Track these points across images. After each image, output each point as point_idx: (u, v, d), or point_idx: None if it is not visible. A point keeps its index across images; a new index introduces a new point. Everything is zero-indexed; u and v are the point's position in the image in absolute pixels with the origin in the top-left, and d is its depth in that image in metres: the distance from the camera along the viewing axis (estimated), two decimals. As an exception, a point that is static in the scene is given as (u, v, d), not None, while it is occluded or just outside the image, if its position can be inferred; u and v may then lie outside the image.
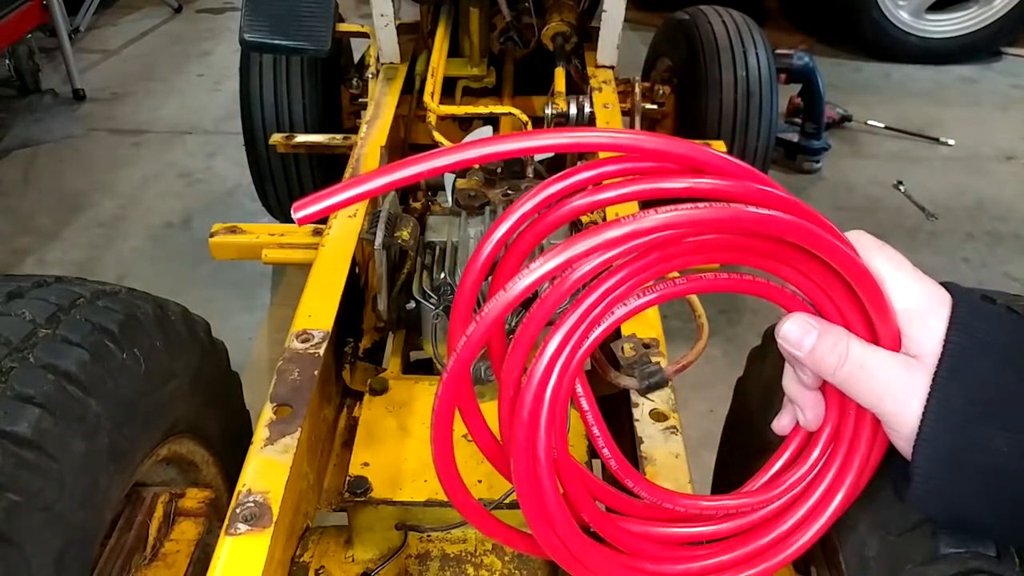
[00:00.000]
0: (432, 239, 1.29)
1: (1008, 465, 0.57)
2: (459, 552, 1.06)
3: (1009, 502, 0.59)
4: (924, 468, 0.59)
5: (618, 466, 0.69)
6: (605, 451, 0.70)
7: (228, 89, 3.83)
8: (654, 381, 0.98)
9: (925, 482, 0.60)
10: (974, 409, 0.57)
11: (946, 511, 0.62)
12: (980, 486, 0.59)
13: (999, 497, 0.59)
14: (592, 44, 2.19)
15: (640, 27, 3.95)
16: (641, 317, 1.21)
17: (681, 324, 2.25)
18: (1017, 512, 0.60)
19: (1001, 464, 0.57)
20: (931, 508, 0.63)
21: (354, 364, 1.31)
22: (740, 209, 0.55)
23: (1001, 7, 4.11)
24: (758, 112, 2.32)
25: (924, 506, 0.63)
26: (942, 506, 0.62)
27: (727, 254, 0.61)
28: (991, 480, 0.58)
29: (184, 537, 1.13)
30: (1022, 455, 0.57)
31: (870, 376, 0.61)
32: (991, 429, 0.57)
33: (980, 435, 0.57)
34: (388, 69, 2.11)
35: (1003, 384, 0.57)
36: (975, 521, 0.62)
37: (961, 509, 0.61)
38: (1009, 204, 3.16)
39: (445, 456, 0.66)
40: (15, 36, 3.49)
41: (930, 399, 0.58)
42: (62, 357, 0.86)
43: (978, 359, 0.58)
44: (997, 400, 0.57)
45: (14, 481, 0.76)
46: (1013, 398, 0.57)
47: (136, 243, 2.86)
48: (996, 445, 0.57)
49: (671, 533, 0.71)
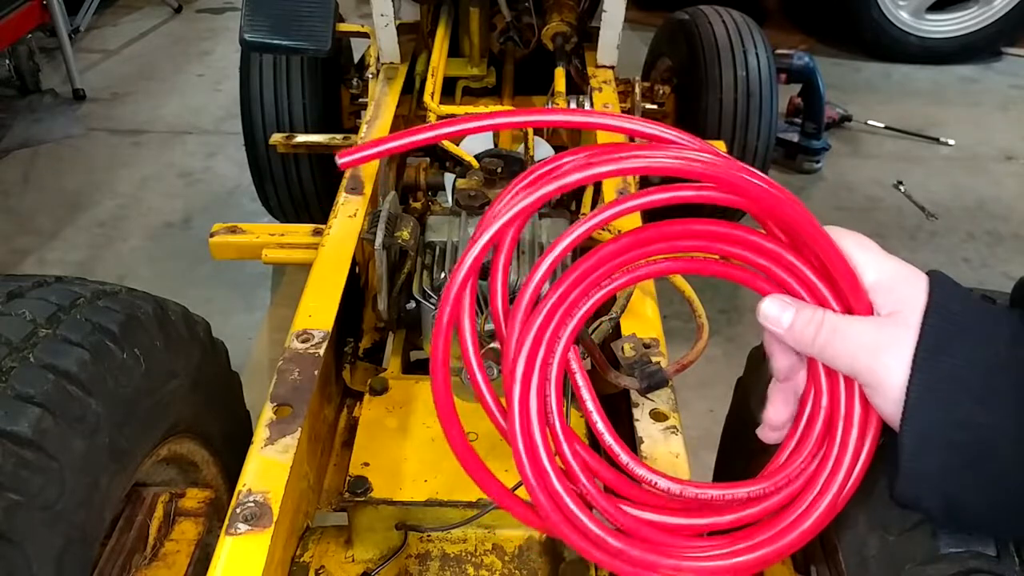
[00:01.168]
0: (432, 239, 1.29)
1: (991, 440, 0.59)
2: (459, 552, 1.06)
3: (995, 482, 0.60)
4: (911, 444, 0.60)
5: (628, 458, 0.71)
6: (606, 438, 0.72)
7: (228, 89, 3.83)
8: (654, 381, 0.98)
9: (913, 460, 0.61)
10: (955, 386, 0.59)
11: (935, 495, 0.62)
12: (966, 464, 0.60)
13: (985, 476, 0.60)
14: (592, 44, 2.19)
15: (640, 27, 3.95)
16: (641, 317, 1.21)
17: (681, 324, 2.25)
18: (1003, 494, 0.60)
19: (984, 438, 0.59)
20: (921, 491, 0.63)
21: (354, 364, 1.31)
22: None
23: (1001, 7, 4.11)
24: (758, 112, 2.32)
25: (914, 490, 0.63)
26: (931, 489, 0.62)
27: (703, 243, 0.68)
28: (976, 457, 0.59)
29: (184, 537, 1.13)
30: (1003, 431, 0.58)
31: (843, 337, 0.64)
32: (973, 405, 0.59)
33: (963, 412, 0.59)
34: (388, 69, 2.11)
35: (979, 362, 0.60)
36: (965, 505, 0.62)
37: (950, 491, 0.61)
38: (1009, 204, 3.16)
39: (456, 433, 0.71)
40: (15, 36, 3.49)
41: (913, 376, 0.60)
42: (62, 357, 0.86)
43: (956, 340, 0.60)
44: (975, 377, 0.59)
45: (15, 481, 0.76)
46: (990, 375, 0.59)
47: (136, 243, 2.86)
48: (978, 420, 0.59)
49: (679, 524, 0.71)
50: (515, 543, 1.06)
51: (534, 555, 1.06)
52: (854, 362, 0.64)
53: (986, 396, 0.59)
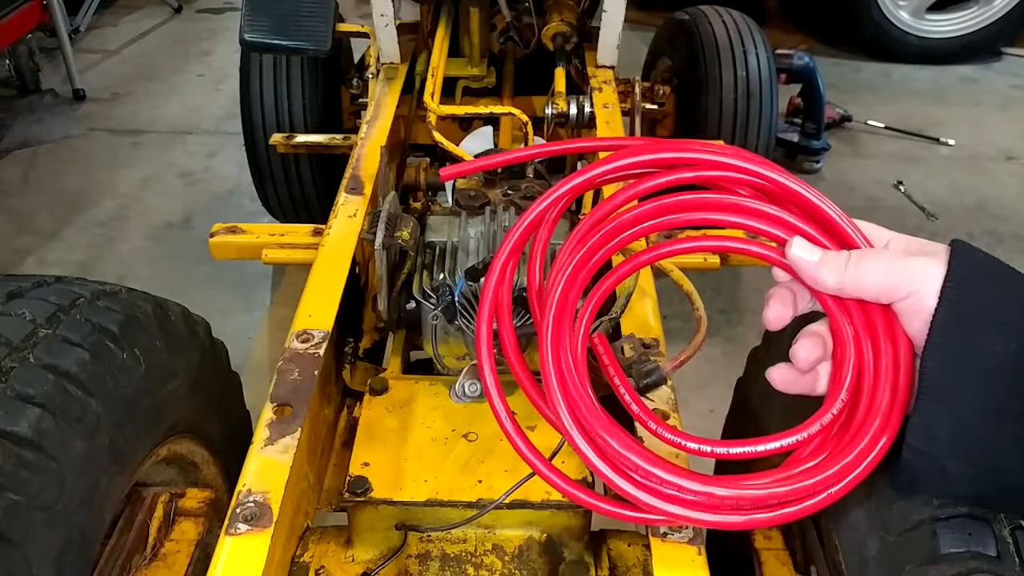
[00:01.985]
0: (432, 239, 1.29)
1: (1010, 368, 0.61)
2: (459, 552, 1.06)
3: (1007, 414, 0.62)
4: (934, 369, 0.63)
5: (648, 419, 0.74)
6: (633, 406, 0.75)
7: (228, 89, 3.83)
8: (652, 380, 0.98)
9: (934, 387, 0.63)
10: (978, 319, 0.62)
11: (949, 421, 0.63)
12: (982, 391, 0.62)
13: (999, 405, 0.62)
14: (592, 44, 2.19)
15: (640, 27, 3.95)
16: (641, 317, 1.21)
17: (681, 324, 2.25)
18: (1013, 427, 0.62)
19: (1004, 365, 0.62)
20: (937, 420, 0.64)
21: (354, 364, 1.31)
22: None
23: (1001, 7, 4.11)
24: (758, 112, 2.32)
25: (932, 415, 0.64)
26: (947, 415, 0.63)
27: None
28: (992, 383, 0.62)
29: (184, 537, 1.13)
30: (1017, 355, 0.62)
31: (872, 262, 0.67)
32: (992, 335, 0.62)
33: (984, 340, 0.62)
34: (388, 69, 2.11)
35: (1003, 298, 0.63)
36: (975, 438, 0.63)
37: (967, 408, 0.63)
38: (1009, 204, 3.16)
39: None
40: (15, 36, 3.48)
41: (938, 309, 0.63)
42: (62, 357, 0.86)
43: (981, 276, 0.64)
44: (997, 310, 0.62)
45: (14, 481, 0.76)
46: (1011, 309, 0.63)
47: (136, 243, 2.86)
48: (996, 348, 0.62)
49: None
50: (515, 543, 1.06)
51: (534, 555, 1.06)
52: (888, 273, 0.66)
53: (1008, 327, 0.62)
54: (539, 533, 1.06)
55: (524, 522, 1.05)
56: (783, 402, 0.79)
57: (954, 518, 0.69)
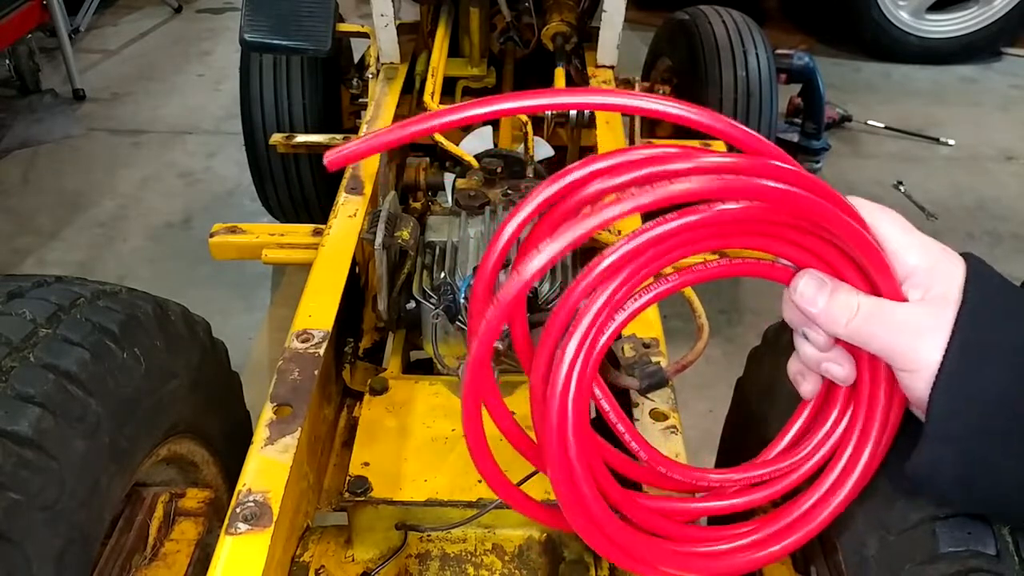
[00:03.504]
0: (432, 239, 1.29)
1: (1011, 395, 0.60)
2: (459, 552, 1.06)
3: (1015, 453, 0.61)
4: (942, 405, 0.61)
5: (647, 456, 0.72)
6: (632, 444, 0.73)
7: (228, 89, 3.83)
8: (654, 381, 0.98)
9: (943, 419, 0.61)
10: (991, 353, 0.61)
11: (954, 462, 0.62)
12: (992, 431, 0.61)
13: (1008, 447, 0.61)
14: (592, 44, 2.19)
15: (640, 27, 3.95)
16: (641, 317, 1.20)
17: (681, 324, 2.25)
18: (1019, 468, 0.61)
19: (1014, 409, 0.60)
20: (942, 458, 0.63)
21: (354, 364, 1.31)
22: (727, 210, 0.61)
23: (1001, 7, 4.11)
24: (758, 112, 2.32)
25: (935, 455, 0.63)
26: (952, 455, 0.62)
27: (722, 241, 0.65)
28: (1003, 427, 0.60)
29: (184, 537, 1.13)
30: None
31: (881, 319, 0.64)
32: (1007, 375, 0.60)
33: (997, 380, 0.60)
34: (388, 69, 2.11)
35: (1016, 335, 0.61)
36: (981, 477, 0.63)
37: (971, 456, 0.62)
38: (1009, 204, 3.16)
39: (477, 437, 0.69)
40: (15, 36, 3.48)
41: (952, 340, 0.61)
42: (62, 357, 0.86)
43: (996, 313, 0.62)
44: (1010, 349, 0.61)
45: (15, 480, 0.76)
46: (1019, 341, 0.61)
47: (136, 243, 2.86)
48: (1010, 390, 0.60)
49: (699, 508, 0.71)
50: (515, 543, 1.06)
51: (534, 555, 1.06)
52: (893, 343, 0.63)
53: (1021, 367, 0.60)
54: (539, 533, 1.06)
55: (524, 522, 1.06)
56: (783, 402, 0.79)
57: (954, 517, 0.69)
